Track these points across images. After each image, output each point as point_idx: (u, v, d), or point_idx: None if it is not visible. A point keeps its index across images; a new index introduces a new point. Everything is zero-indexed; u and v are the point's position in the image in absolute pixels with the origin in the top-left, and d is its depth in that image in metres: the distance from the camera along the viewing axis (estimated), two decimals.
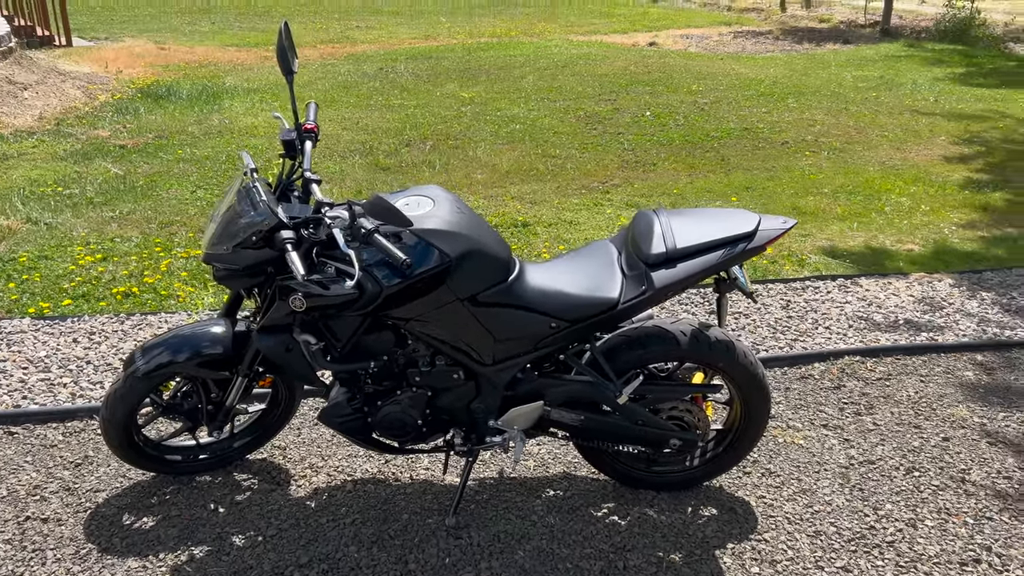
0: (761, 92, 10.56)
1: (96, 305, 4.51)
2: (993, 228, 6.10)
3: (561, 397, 2.78)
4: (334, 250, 2.51)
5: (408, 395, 2.73)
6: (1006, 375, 4.01)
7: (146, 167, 7.15)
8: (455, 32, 15.81)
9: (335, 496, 2.99)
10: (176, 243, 5.41)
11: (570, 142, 8.27)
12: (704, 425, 2.88)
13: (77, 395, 3.57)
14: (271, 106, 9.62)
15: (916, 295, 4.91)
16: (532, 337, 2.65)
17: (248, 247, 2.49)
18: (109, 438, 2.83)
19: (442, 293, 2.54)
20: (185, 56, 13.07)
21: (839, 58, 13.39)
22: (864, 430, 3.52)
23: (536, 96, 10.28)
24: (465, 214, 2.61)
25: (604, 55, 13.05)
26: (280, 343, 2.61)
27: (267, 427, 3.11)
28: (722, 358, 2.75)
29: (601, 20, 17.74)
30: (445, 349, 2.67)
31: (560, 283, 2.65)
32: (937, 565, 2.73)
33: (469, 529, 2.84)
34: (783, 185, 6.99)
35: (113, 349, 4.00)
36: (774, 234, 2.64)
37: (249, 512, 2.89)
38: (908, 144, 8.32)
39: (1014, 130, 8.86)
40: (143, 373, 2.71)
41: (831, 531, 2.88)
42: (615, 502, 3.01)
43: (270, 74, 11.54)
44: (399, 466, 3.18)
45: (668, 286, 2.59)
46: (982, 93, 10.70)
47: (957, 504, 3.04)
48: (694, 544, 2.80)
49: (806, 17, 18.46)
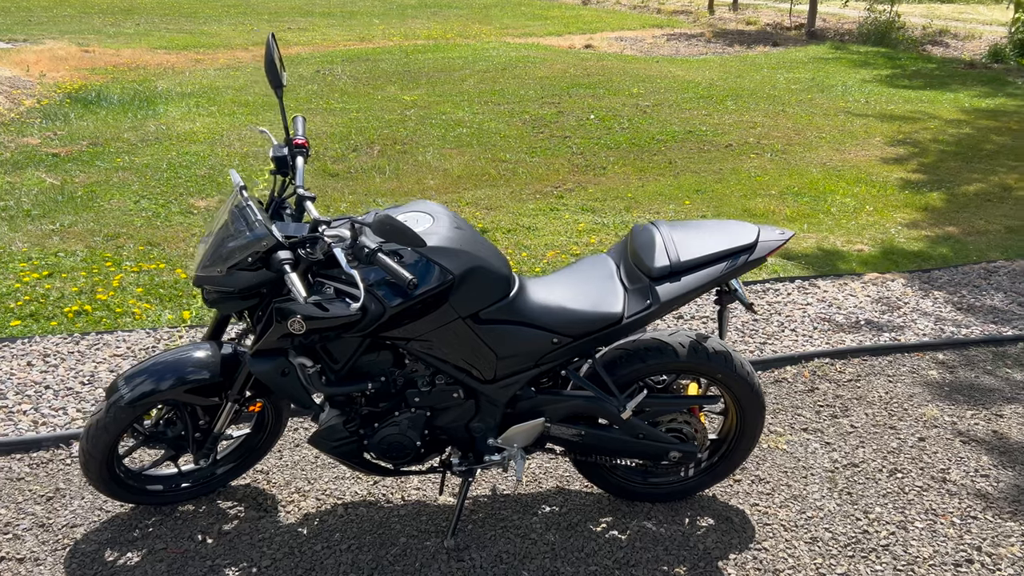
0: (700, 94, 10.71)
1: (47, 325, 4.30)
2: (935, 227, 6.28)
3: (562, 413, 2.75)
4: (332, 270, 2.43)
5: (407, 416, 2.66)
6: (967, 373, 4.12)
7: (83, 176, 6.87)
8: (390, 34, 15.64)
9: (327, 521, 2.90)
10: (125, 256, 5.20)
11: (518, 146, 8.25)
12: (702, 436, 2.88)
13: (39, 423, 3.39)
14: (207, 111, 9.37)
15: (872, 295, 5.02)
16: (534, 353, 2.61)
17: (244, 268, 2.39)
18: (89, 471, 2.69)
19: (444, 312, 2.48)
20: (111, 59, 12.63)
21: (770, 60, 13.67)
22: (843, 432, 3.57)
23: (479, 99, 10.23)
24: (465, 230, 2.55)
25: (543, 58, 13.07)
26: (275, 367, 2.51)
27: (252, 451, 2.99)
28: (721, 369, 2.75)
29: (535, 22, 17.77)
30: (446, 368, 2.61)
31: (561, 298, 2.62)
32: (933, 567, 2.78)
33: (470, 550, 2.79)
34: (731, 187, 7.09)
35: (71, 372, 3.82)
36: (774, 245, 2.65)
37: (239, 542, 2.78)
38: (846, 145, 8.52)
39: (943, 131, 9.16)
40: (128, 402, 2.58)
41: (827, 537, 2.91)
42: (612, 516, 2.99)
43: (203, 78, 11.24)
44: (389, 487, 3.10)
45: (673, 300, 2.58)
46: (909, 95, 11.05)
47: (943, 504, 3.10)
48: (697, 556, 2.80)
49: (733, 20, 18.81)
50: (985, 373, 4.13)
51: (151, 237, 5.57)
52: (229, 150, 7.80)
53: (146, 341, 4.15)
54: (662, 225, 2.72)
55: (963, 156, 8.19)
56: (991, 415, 3.74)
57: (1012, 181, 7.43)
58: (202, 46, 13.92)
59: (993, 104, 10.54)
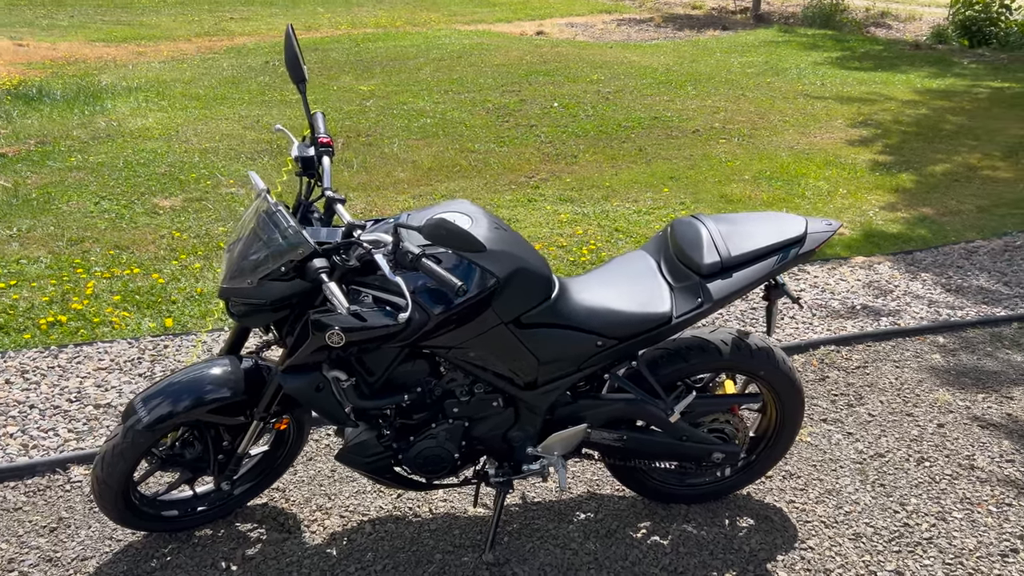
0: (659, 80, 10.67)
1: (19, 338, 4.04)
2: (910, 209, 6.33)
3: (603, 418, 2.64)
4: (367, 276, 2.28)
5: (444, 427, 2.52)
6: (969, 356, 4.13)
7: (35, 177, 6.52)
8: (337, 23, 15.29)
9: (355, 540, 2.75)
10: (93, 262, 4.93)
11: (485, 135, 8.10)
12: (743, 435, 2.80)
13: (30, 446, 3.16)
14: (158, 105, 9.01)
15: (863, 279, 5.02)
16: (577, 358, 2.49)
17: (276, 279, 2.22)
18: (104, 500, 2.49)
19: (486, 317, 2.35)
20: (48, 53, 12.08)
21: (722, 44, 13.70)
22: (862, 422, 3.53)
23: (438, 88, 10.03)
24: (505, 231, 2.42)
25: (497, 45, 12.90)
26: (309, 383, 2.34)
27: (271, 470, 2.82)
28: (764, 366, 2.67)
29: (483, 8, 17.54)
30: (485, 376, 2.47)
31: (605, 298, 2.50)
32: (980, 559, 2.75)
33: (511, 564, 2.67)
34: (705, 174, 7.05)
35: (55, 388, 3.58)
36: (823, 237, 2.57)
37: (266, 568, 2.62)
38: (810, 128, 8.56)
39: (901, 112, 9.26)
40: (146, 425, 2.39)
41: (870, 532, 2.86)
42: (650, 520, 2.89)
43: (148, 71, 10.82)
44: (414, 500, 2.96)
45: (726, 297, 2.48)
46: (862, 76, 11.16)
47: (976, 493, 3.08)
48: (744, 560, 2.72)
49: (679, 4, 18.84)
50: (986, 355, 4.14)
51: (118, 240, 5.30)
52: (187, 146, 7.49)
53: (130, 352, 3.93)
54: (707, 219, 2.62)
55: (925, 137, 8.28)
56: (1002, 398, 3.74)
57: (975, 161, 7.53)
58: (142, 38, 13.42)
59: (944, 85, 10.71)
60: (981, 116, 9.14)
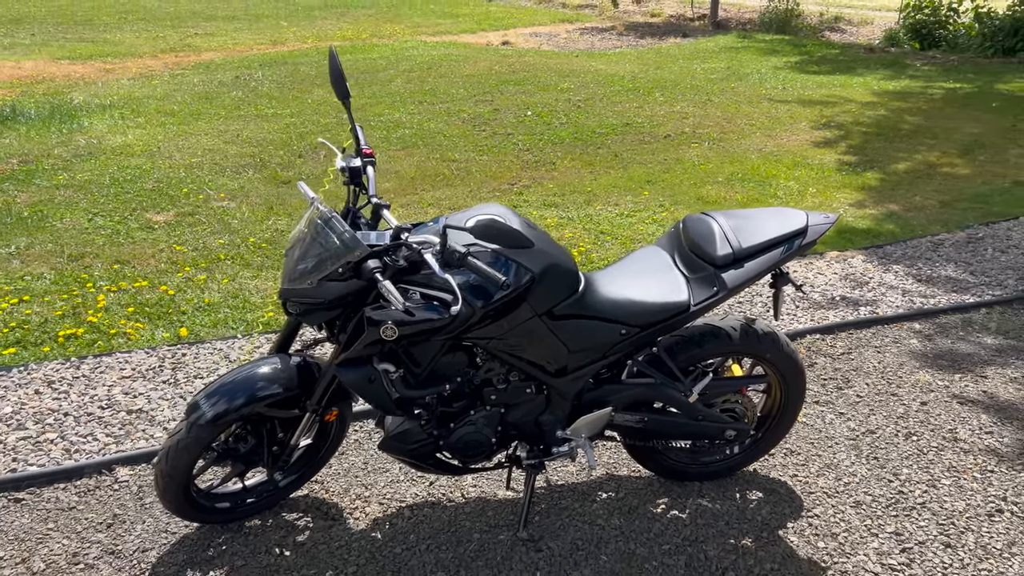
0: (626, 87, 10.96)
1: (38, 351, 4.16)
2: (877, 206, 6.65)
3: (626, 401, 2.85)
4: (415, 275, 2.47)
5: (482, 414, 2.72)
6: (944, 340, 4.42)
7: (24, 196, 6.59)
8: (302, 36, 15.40)
9: (397, 524, 2.94)
10: (97, 277, 5.05)
11: (464, 145, 8.30)
12: (752, 414, 3.03)
13: (73, 451, 3.30)
14: (135, 122, 9.07)
15: (839, 272, 5.31)
16: (603, 346, 2.71)
17: (334, 279, 2.41)
18: (166, 493, 2.65)
19: (523, 310, 2.55)
20: (13, 72, 12.05)
21: (683, 51, 14.07)
22: (852, 403, 3.79)
23: (412, 99, 10.22)
24: (536, 229, 2.63)
25: (464, 56, 13.12)
26: (363, 375, 2.53)
27: (314, 462, 2.99)
28: (770, 349, 2.91)
29: (446, 20, 17.77)
30: (520, 365, 2.68)
31: (627, 290, 2.72)
32: (971, 519, 3.01)
33: (545, 540, 2.87)
34: (679, 177, 7.32)
35: (85, 397, 3.71)
36: (823, 229, 2.82)
37: (317, 552, 2.79)
38: (776, 131, 8.89)
39: (861, 113, 9.65)
40: (209, 419, 2.56)
41: (868, 500, 3.11)
42: (667, 497, 3.12)
43: (119, 88, 10.86)
44: (447, 487, 3.15)
45: (738, 285, 2.71)
46: (821, 80, 11.57)
47: (961, 462, 3.35)
48: (758, 528, 2.95)
49: (638, 12, 19.24)
50: (959, 339, 4.43)
51: (118, 255, 5.41)
52: (171, 162, 7.59)
53: (149, 361, 4.07)
54: (717, 215, 2.85)
55: (885, 136, 8.66)
56: (977, 377, 4.03)
57: (934, 158, 7.90)
58: (108, 55, 13.41)
59: (899, 86, 11.14)
60: (936, 116, 9.55)
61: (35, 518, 2.92)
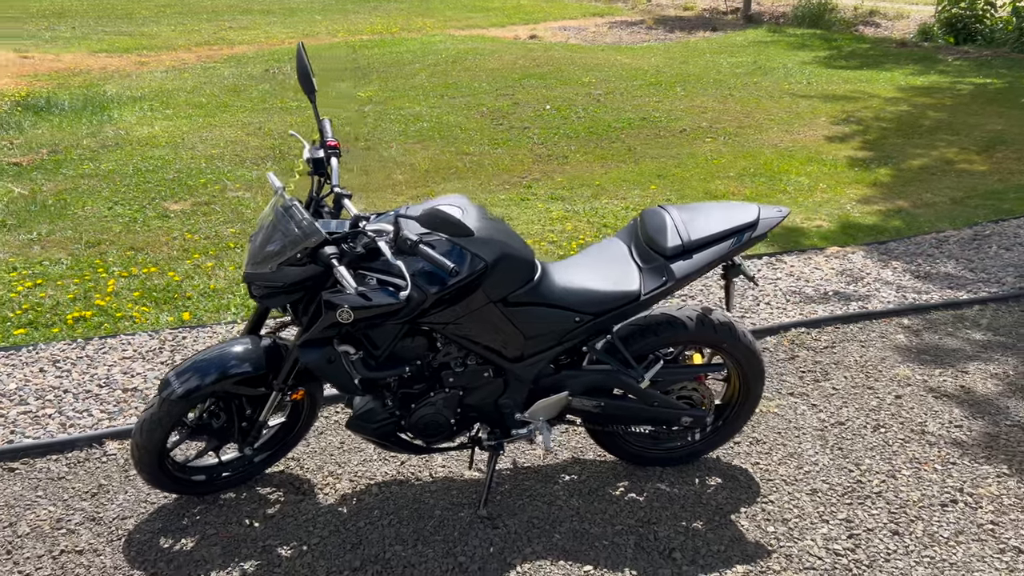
0: (649, 81, 11.00)
1: (48, 332, 4.37)
2: (886, 202, 6.64)
3: (583, 386, 2.96)
4: (372, 262, 2.60)
5: (441, 396, 2.84)
6: (931, 336, 4.45)
7: (51, 185, 6.85)
8: (334, 30, 15.64)
9: (364, 500, 3.07)
10: (111, 262, 5.26)
11: (480, 138, 8.42)
12: (709, 402, 3.12)
13: (68, 425, 3.49)
14: (163, 114, 9.34)
15: (836, 268, 5.34)
16: (558, 332, 2.81)
17: (292, 264, 2.55)
18: (142, 464, 2.82)
19: (477, 297, 2.67)
20: (53, 65, 12.43)
21: (712, 46, 14.04)
22: (826, 395, 3.85)
23: (434, 93, 10.36)
24: (493, 221, 2.74)
25: (491, 49, 13.23)
26: (323, 356, 2.67)
27: (287, 440, 3.14)
28: (726, 339, 2.99)
29: (477, 14, 17.91)
30: (477, 349, 2.79)
31: (581, 279, 2.82)
32: (923, 508, 3.06)
33: (503, 518, 2.99)
34: (691, 171, 7.37)
35: (85, 376, 3.90)
36: (773, 222, 2.90)
37: (285, 524, 2.94)
38: (794, 126, 8.88)
39: (883, 109, 9.59)
40: (180, 395, 2.71)
41: (825, 488, 3.18)
42: (628, 480, 3.21)
43: (151, 80, 11.16)
44: (416, 466, 3.28)
45: (687, 276, 2.81)
46: (847, 75, 11.49)
47: (924, 454, 3.40)
48: (711, 512, 3.04)
49: (671, 6, 19.19)
50: (947, 335, 4.46)
51: (133, 242, 5.62)
52: (193, 152, 7.82)
53: (151, 343, 4.25)
54: (671, 208, 2.94)
55: (904, 133, 8.61)
56: (957, 372, 4.06)
57: (952, 155, 7.85)
58: (144, 48, 13.76)
59: (927, 82, 11.03)
60: (961, 112, 9.46)
61: (26, 486, 3.11)
